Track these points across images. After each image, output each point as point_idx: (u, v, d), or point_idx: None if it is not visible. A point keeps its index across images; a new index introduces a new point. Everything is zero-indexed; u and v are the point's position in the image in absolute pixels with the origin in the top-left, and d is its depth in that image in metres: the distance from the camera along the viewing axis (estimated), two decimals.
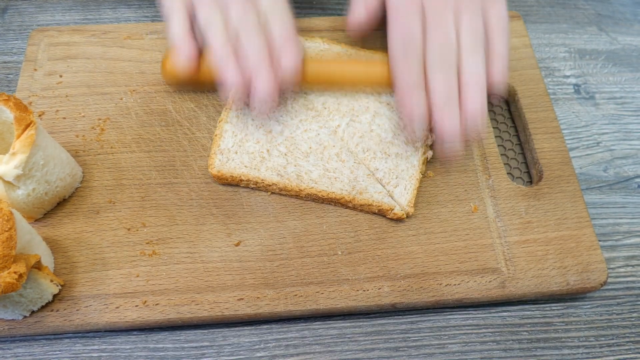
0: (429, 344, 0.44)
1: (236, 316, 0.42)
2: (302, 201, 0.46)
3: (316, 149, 0.47)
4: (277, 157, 0.46)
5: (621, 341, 0.45)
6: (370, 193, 0.45)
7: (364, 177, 0.46)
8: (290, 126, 0.48)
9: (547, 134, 0.51)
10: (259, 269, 0.43)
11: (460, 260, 0.44)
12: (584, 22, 0.64)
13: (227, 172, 0.45)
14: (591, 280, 0.44)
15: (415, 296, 0.43)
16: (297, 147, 0.47)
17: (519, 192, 0.48)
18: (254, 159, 0.46)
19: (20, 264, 0.35)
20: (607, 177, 0.53)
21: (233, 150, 0.46)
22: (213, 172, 0.45)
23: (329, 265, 0.44)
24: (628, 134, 0.56)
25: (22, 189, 0.40)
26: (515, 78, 0.54)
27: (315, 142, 0.47)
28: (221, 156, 0.46)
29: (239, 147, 0.46)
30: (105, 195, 0.46)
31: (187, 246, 0.44)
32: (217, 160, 0.46)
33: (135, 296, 0.42)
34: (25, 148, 0.38)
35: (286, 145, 0.47)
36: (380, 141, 0.48)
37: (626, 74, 0.60)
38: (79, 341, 0.42)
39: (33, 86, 0.51)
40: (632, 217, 0.51)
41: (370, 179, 0.46)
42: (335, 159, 0.47)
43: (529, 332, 0.45)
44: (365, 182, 0.46)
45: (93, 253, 0.43)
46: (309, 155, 0.47)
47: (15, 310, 0.39)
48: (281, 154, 0.46)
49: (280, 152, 0.46)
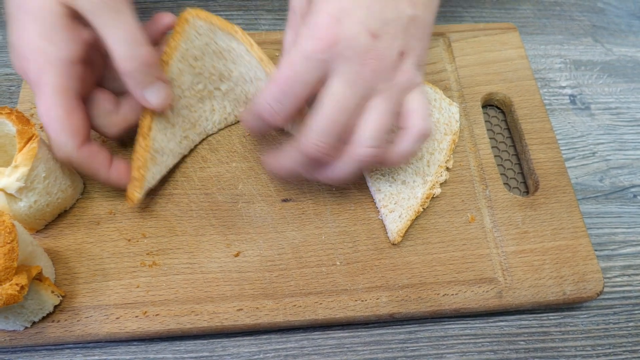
0: (427, 353, 0.44)
1: (235, 326, 0.42)
2: (301, 212, 0.47)
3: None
4: None
5: (618, 350, 0.45)
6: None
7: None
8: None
9: (543, 144, 0.52)
10: (258, 279, 0.44)
11: (457, 271, 0.45)
12: (579, 34, 0.65)
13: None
14: (587, 290, 0.45)
15: (413, 306, 0.43)
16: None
17: (516, 203, 0.48)
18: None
19: (21, 275, 0.36)
20: (602, 187, 0.54)
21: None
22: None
23: (327, 276, 0.44)
24: (623, 144, 0.56)
25: (24, 201, 0.41)
26: (512, 89, 0.55)
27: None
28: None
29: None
30: (105, 207, 0.46)
31: (187, 257, 0.44)
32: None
33: (136, 307, 0.42)
34: (27, 161, 0.39)
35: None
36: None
37: (621, 84, 0.61)
38: (79, 352, 0.43)
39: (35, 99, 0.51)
40: (628, 227, 0.51)
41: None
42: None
43: (526, 342, 0.45)
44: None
45: (94, 264, 0.44)
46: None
47: (16, 321, 0.39)
48: None
49: None
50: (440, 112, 0.51)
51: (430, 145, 0.49)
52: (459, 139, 0.52)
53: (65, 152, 0.40)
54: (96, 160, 0.42)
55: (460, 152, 0.51)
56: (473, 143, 0.51)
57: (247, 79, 0.47)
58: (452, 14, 0.66)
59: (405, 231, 0.46)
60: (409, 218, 0.46)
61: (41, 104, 0.39)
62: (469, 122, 0.53)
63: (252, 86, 0.47)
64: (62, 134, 0.39)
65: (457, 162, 0.50)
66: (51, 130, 0.39)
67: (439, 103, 0.52)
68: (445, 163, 0.49)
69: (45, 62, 0.38)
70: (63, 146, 0.40)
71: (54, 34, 0.38)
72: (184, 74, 0.44)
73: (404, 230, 0.45)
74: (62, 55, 0.38)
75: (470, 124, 0.52)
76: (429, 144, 0.49)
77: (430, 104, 0.52)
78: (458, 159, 0.50)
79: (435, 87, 0.53)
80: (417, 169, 0.48)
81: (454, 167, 0.50)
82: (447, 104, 0.52)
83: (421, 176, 0.48)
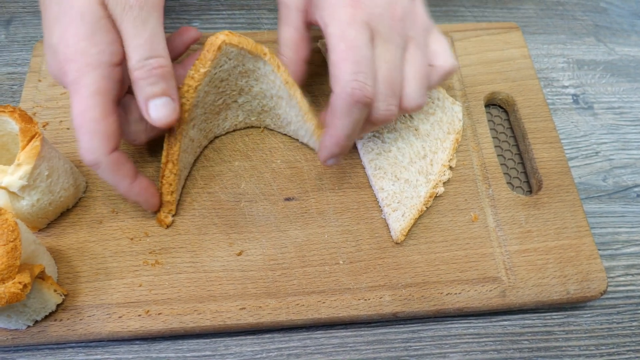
0: (430, 353, 0.44)
1: (238, 325, 0.42)
2: (304, 211, 0.47)
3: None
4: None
5: (621, 350, 0.45)
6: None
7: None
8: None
9: (546, 143, 0.52)
10: (260, 278, 0.44)
11: (460, 270, 0.45)
12: (582, 33, 0.65)
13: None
14: (591, 289, 0.44)
15: (417, 305, 0.43)
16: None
17: (519, 202, 0.48)
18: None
19: (24, 274, 0.36)
20: (606, 186, 0.53)
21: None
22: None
23: (330, 275, 0.44)
24: (626, 144, 0.56)
25: (27, 200, 0.41)
26: (515, 88, 0.55)
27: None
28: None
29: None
30: (108, 205, 0.46)
31: (190, 256, 0.44)
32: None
33: (138, 306, 0.42)
34: (30, 159, 0.39)
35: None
36: (395, 163, 0.48)
37: (624, 84, 0.61)
38: (81, 351, 0.42)
39: (37, 97, 0.51)
40: (632, 226, 0.51)
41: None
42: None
43: (530, 341, 0.45)
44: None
45: (96, 263, 0.44)
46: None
47: (19, 320, 0.39)
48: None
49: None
50: (443, 111, 0.51)
51: (433, 145, 0.49)
52: (462, 138, 0.51)
53: (94, 157, 0.38)
54: (122, 171, 0.40)
55: (463, 151, 0.51)
56: (476, 142, 0.51)
57: (267, 95, 0.47)
58: (454, 14, 0.66)
59: (408, 230, 0.45)
60: (412, 217, 0.46)
61: (77, 105, 0.37)
62: (472, 121, 0.53)
63: (272, 101, 0.47)
64: (96, 137, 0.38)
65: (460, 161, 0.50)
66: (84, 132, 0.38)
67: (442, 102, 0.52)
68: (449, 162, 0.49)
69: (86, 64, 0.37)
70: (94, 150, 0.38)
71: (96, 36, 0.37)
72: (209, 95, 0.44)
73: (407, 229, 0.45)
74: (103, 58, 0.38)
75: (473, 123, 0.52)
76: (432, 143, 0.49)
77: (434, 102, 0.52)
78: (461, 158, 0.50)
79: (438, 86, 0.53)
80: (420, 168, 0.48)
81: (457, 166, 0.50)
82: (450, 103, 0.52)
83: (424, 175, 0.48)
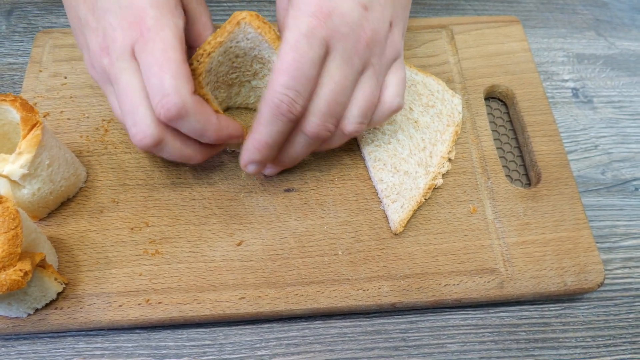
0: (428, 343, 0.44)
1: (238, 315, 0.42)
2: (303, 202, 0.47)
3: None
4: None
5: (618, 341, 0.45)
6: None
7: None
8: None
9: (545, 136, 0.52)
10: (260, 268, 0.44)
11: (459, 261, 0.45)
12: (582, 27, 0.65)
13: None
14: (588, 281, 0.45)
15: (415, 296, 0.43)
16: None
17: (518, 194, 0.48)
18: None
19: (25, 261, 0.36)
20: (604, 179, 0.54)
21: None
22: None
23: (329, 265, 0.44)
24: (625, 138, 0.56)
25: (28, 189, 0.41)
26: (514, 81, 0.55)
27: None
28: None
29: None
30: (108, 195, 0.46)
31: (190, 246, 0.44)
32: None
33: (138, 295, 0.42)
34: (31, 148, 0.39)
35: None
36: (394, 155, 0.48)
37: (624, 78, 0.61)
38: (82, 339, 0.43)
39: (38, 87, 0.51)
40: (629, 220, 0.51)
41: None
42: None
43: (527, 332, 0.45)
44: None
45: (97, 252, 0.44)
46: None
47: (19, 308, 0.39)
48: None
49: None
50: (443, 104, 0.52)
51: (432, 137, 0.50)
52: (462, 130, 0.52)
53: (181, 98, 0.37)
54: (207, 109, 0.40)
55: (462, 143, 0.51)
56: (475, 135, 0.51)
57: None
58: (455, 7, 0.66)
59: (407, 221, 0.46)
60: (411, 208, 0.46)
61: (155, 50, 0.37)
62: (472, 114, 0.53)
63: None
64: (180, 78, 0.37)
65: (459, 153, 0.50)
66: (167, 73, 0.37)
67: (442, 94, 0.52)
68: (448, 154, 0.49)
69: (168, 11, 0.38)
70: (179, 90, 0.37)
71: (167, 7, 0.38)
72: (222, 65, 0.44)
73: (406, 221, 0.46)
74: (176, 22, 0.39)
75: (473, 115, 0.53)
76: (432, 135, 0.50)
77: (434, 95, 0.52)
78: (460, 150, 0.51)
79: (438, 78, 0.53)
80: (419, 160, 0.48)
81: (456, 159, 0.50)
82: (449, 96, 0.52)
83: (423, 167, 0.48)
